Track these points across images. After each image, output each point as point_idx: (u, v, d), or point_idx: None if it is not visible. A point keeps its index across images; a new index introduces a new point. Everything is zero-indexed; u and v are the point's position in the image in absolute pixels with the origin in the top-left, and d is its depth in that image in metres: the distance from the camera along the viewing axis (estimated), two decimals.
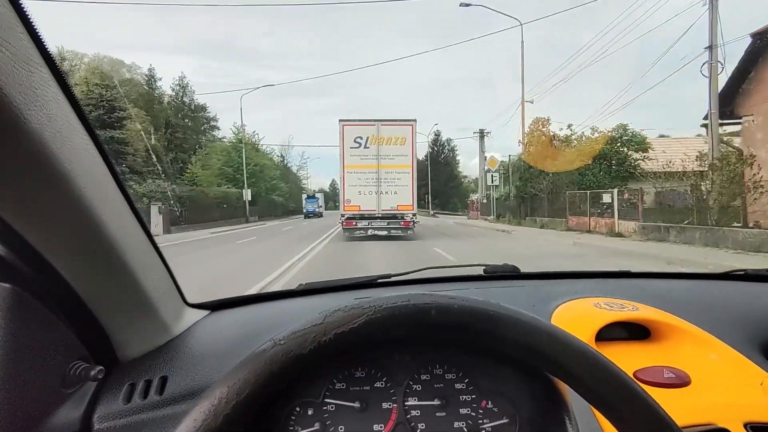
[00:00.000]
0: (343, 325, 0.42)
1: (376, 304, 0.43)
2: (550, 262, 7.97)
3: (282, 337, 0.42)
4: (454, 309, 0.44)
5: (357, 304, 0.44)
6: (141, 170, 23.91)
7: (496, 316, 0.44)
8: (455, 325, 0.44)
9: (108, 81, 26.18)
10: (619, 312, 0.81)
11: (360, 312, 0.43)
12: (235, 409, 0.38)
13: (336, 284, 1.06)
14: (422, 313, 0.43)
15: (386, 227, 13.12)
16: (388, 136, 13.33)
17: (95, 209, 0.52)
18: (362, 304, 0.44)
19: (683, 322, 0.81)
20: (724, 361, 0.75)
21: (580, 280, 1.16)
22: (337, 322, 0.42)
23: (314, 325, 0.42)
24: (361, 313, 0.42)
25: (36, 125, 0.41)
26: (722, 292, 1.08)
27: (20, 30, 0.40)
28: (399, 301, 0.44)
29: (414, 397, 0.65)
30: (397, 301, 0.44)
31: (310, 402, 0.63)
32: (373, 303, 0.43)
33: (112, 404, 0.65)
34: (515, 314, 0.44)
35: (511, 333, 0.44)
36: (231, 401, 0.38)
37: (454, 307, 0.44)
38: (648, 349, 0.80)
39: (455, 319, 0.44)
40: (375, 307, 0.43)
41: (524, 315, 0.45)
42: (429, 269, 1.19)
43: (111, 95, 25.00)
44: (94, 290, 0.61)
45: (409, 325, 0.44)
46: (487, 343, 0.45)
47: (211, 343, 0.79)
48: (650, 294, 0.96)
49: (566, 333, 0.45)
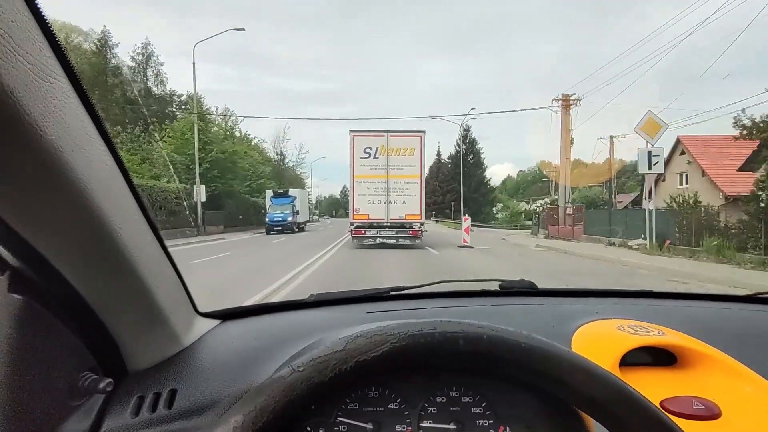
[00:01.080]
0: (365, 353, 0.41)
1: (401, 331, 0.42)
2: None
3: (301, 363, 0.41)
4: (483, 339, 0.42)
5: (380, 329, 0.42)
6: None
7: (528, 348, 0.42)
8: (483, 356, 0.43)
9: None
10: (645, 336, 0.78)
11: (383, 339, 0.41)
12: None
13: (348, 296, 1.04)
14: (449, 342, 0.42)
15: (394, 236, 13.38)
16: (397, 147, 13.65)
17: (109, 220, 0.52)
18: (386, 330, 0.42)
19: (712, 349, 0.78)
20: (757, 394, 0.71)
21: (599, 299, 1.13)
22: (359, 350, 0.41)
23: (335, 351, 0.41)
24: (385, 340, 0.41)
25: (52, 136, 0.41)
26: (751, 316, 1.04)
27: (40, 40, 0.41)
28: (425, 329, 0.42)
29: (429, 420, 0.63)
30: (422, 329, 0.42)
31: (322, 422, 0.62)
32: (398, 329, 0.42)
33: (119, 418, 0.65)
34: (548, 347, 0.43)
35: (543, 367, 0.42)
36: (247, 430, 0.37)
37: (484, 337, 0.42)
38: (674, 376, 0.77)
39: (484, 350, 0.42)
40: (399, 334, 0.42)
41: (558, 348, 0.43)
42: (443, 283, 1.17)
43: None
44: (105, 301, 0.61)
45: (434, 354, 0.42)
46: (517, 376, 0.44)
47: (222, 355, 0.78)
48: (675, 316, 0.93)
49: (602, 369, 0.43)
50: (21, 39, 0.37)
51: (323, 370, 0.40)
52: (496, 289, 1.11)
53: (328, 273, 8.81)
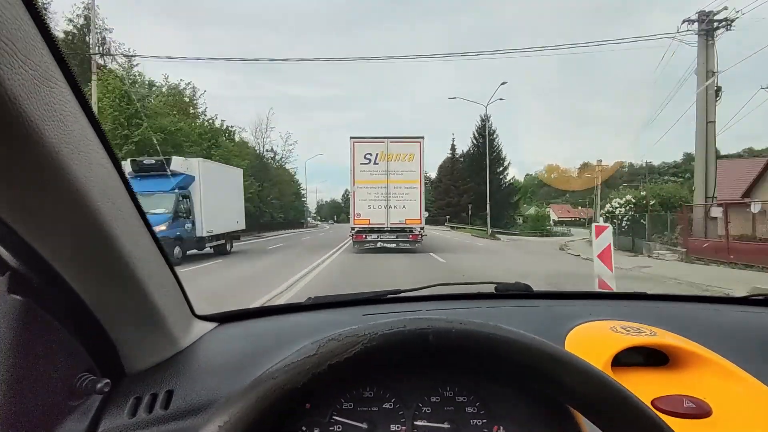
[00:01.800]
0: (337, 355, 0.41)
1: (372, 332, 0.43)
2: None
3: (275, 369, 0.42)
4: (452, 333, 0.43)
5: (352, 331, 0.43)
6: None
7: (494, 337, 0.43)
8: (454, 349, 0.43)
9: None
10: (637, 337, 0.79)
11: (355, 340, 0.42)
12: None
13: (345, 299, 1.05)
14: (419, 338, 0.43)
15: (395, 240, 13.47)
16: (397, 152, 13.74)
17: (108, 223, 0.53)
18: (357, 331, 0.43)
19: (704, 349, 0.79)
20: (747, 393, 0.71)
21: (594, 301, 1.14)
22: (331, 353, 0.42)
23: (308, 356, 0.42)
24: (356, 341, 0.42)
25: (53, 140, 0.42)
26: (743, 317, 1.06)
27: (42, 47, 0.42)
28: (395, 327, 0.43)
29: (423, 419, 0.64)
30: (393, 327, 0.43)
31: (317, 421, 0.63)
32: (368, 330, 0.43)
33: (116, 418, 0.65)
34: (515, 335, 0.44)
35: (511, 354, 0.43)
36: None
37: (452, 331, 0.43)
38: (666, 376, 0.77)
39: (454, 343, 0.43)
40: (370, 335, 0.42)
41: (524, 336, 0.44)
42: (440, 285, 1.17)
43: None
44: (104, 302, 0.62)
45: (406, 351, 0.43)
46: (489, 366, 0.45)
47: (219, 357, 0.79)
48: (668, 318, 0.94)
49: (569, 353, 0.44)
50: (24, 46, 0.38)
51: (295, 376, 0.41)
52: (492, 291, 1.12)
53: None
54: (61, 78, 0.45)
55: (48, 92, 0.42)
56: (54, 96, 0.43)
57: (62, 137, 0.44)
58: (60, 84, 0.45)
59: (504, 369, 0.44)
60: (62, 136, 0.44)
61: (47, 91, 0.42)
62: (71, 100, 0.47)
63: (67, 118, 0.45)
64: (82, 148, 0.48)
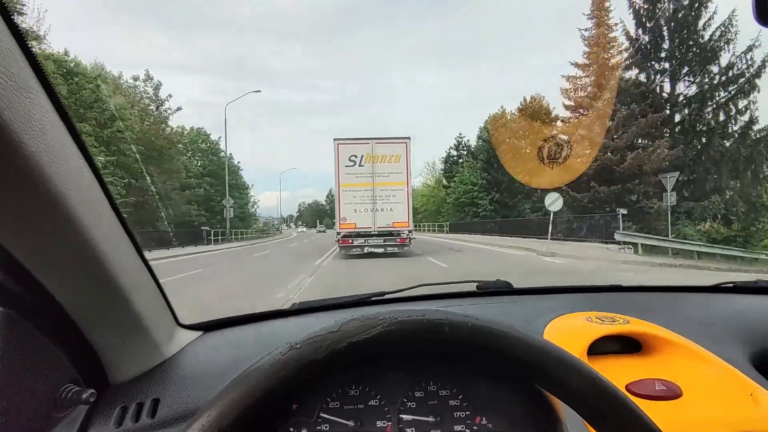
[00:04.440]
0: (358, 334, 0.43)
1: (392, 316, 0.45)
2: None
3: (298, 341, 0.43)
4: (467, 327, 0.46)
5: (373, 314, 0.45)
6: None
7: (502, 335, 0.47)
8: (465, 342, 0.46)
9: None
10: (611, 326, 0.82)
11: (376, 322, 0.44)
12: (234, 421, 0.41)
13: (330, 303, 1.06)
14: (436, 328, 0.45)
15: (382, 244, 13.22)
16: (383, 154, 13.55)
17: (88, 230, 0.53)
18: (378, 315, 0.45)
19: (674, 335, 0.82)
20: (715, 374, 0.75)
21: (571, 295, 1.17)
22: (352, 332, 0.44)
23: (330, 332, 0.44)
24: (377, 323, 0.44)
25: (33, 148, 0.42)
26: (712, 304, 1.10)
27: (21, 59, 0.42)
28: (414, 315, 0.46)
29: (408, 414, 0.65)
30: (412, 315, 0.46)
31: (303, 422, 0.63)
32: (389, 315, 0.45)
33: (103, 428, 0.64)
34: (521, 335, 0.47)
35: (515, 351, 0.46)
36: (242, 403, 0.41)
37: (467, 325, 0.46)
38: (640, 362, 0.81)
39: (467, 337, 0.46)
40: (390, 319, 0.45)
41: (530, 336, 0.47)
42: (423, 286, 1.19)
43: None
44: (85, 311, 0.61)
45: (422, 339, 0.45)
46: (491, 360, 0.48)
47: (204, 365, 0.78)
48: (641, 307, 0.97)
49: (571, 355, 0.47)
50: (2, 57, 0.39)
51: (317, 349, 0.43)
52: (473, 290, 1.15)
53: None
54: (39, 88, 0.46)
55: (28, 102, 0.43)
56: (33, 105, 0.44)
57: (42, 146, 0.44)
58: (39, 94, 0.45)
59: (503, 363, 0.48)
60: (42, 144, 0.44)
61: (27, 101, 0.42)
62: (50, 109, 0.47)
63: (46, 127, 0.45)
64: (61, 156, 0.48)
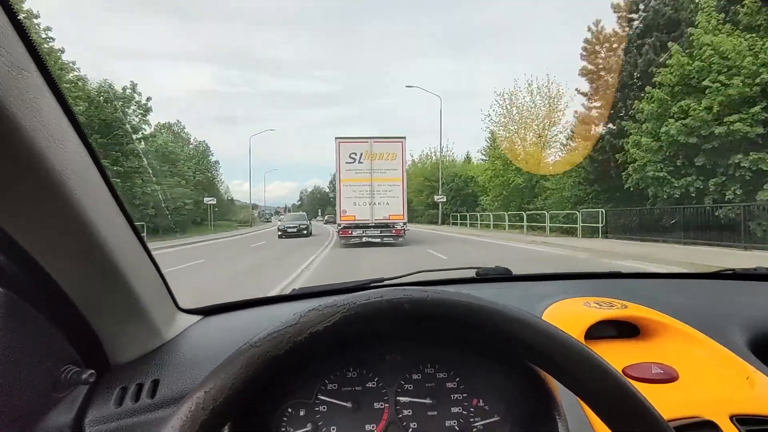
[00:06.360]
0: (318, 323, 0.42)
1: (351, 302, 0.43)
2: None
3: (257, 339, 0.41)
4: (426, 301, 0.44)
5: (332, 302, 0.44)
6: None
7: (467, 305, 0.44)
8: (429, 317, 0.44)
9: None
10: (608, 310, 0.82)
11: (334, 310, 0.43)
12: (212, 414, 0.37)
13: (329, 288, 1.06)
14: (396, 307, 0.43)
15: (379, 235, 14.51)
16: (380, 152, 14.67)
17: (87, 213, 0.53)
18: (337, 302, 0.44)
19: (671, 320, 0.82)
20: (711, 357, 0.75)
21: (570, 281, 1.16)
22: (311, 321, 0.42)
23: (290, 325, 0.42)
24: (336, 311, 0.43)
25: (30, 131, 0.42)
26: (710, 290, 1.10)
27: (15, 38, 0.42)
28: (372, 297, 0.44)
29: (405, 396, 0.66)
30: (370, 297, 0.44)
31: (302, 403, 0.64)
32: (348, 300, 0.43)
33: (103, 408, 0.65)
34: (486, 303, 0.45)
35: (483, 321, 0.44)
36: (208, 407, 0.37)
37: (427, 299, 0.44)
38: (637, 346, 0.80)
39: (428, 311, 0.44)
40: (349, 305, 0.43)
41: (494, 303, 0.45)
42: (422, 272, 1.19)
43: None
44: (85, 294, 0.61)
45: (384, 320, 0.44)
46: (465, 333, 0.46)
47: (204, 348, 0.79)
48: (640, 293, 0.96)
49: (539, 319, 0.45)
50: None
51: (278, 344, 0.41)
52: (473, 276, 1.16)
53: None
54: (34, 68, 0.45)
55: (22, 81, 0.42)
56: (28, 85, 0.43)
57: (38, 126, 0.44)
58: (33, 73, 0.45)
59: (476, 336, 0.46)
60: (38, 125, 0.44)
61: (21, 80, 0.42)
62: (45, 89, 0.47)
63: (42, 109, 0.45)
64: (58, 137, 0.48)
